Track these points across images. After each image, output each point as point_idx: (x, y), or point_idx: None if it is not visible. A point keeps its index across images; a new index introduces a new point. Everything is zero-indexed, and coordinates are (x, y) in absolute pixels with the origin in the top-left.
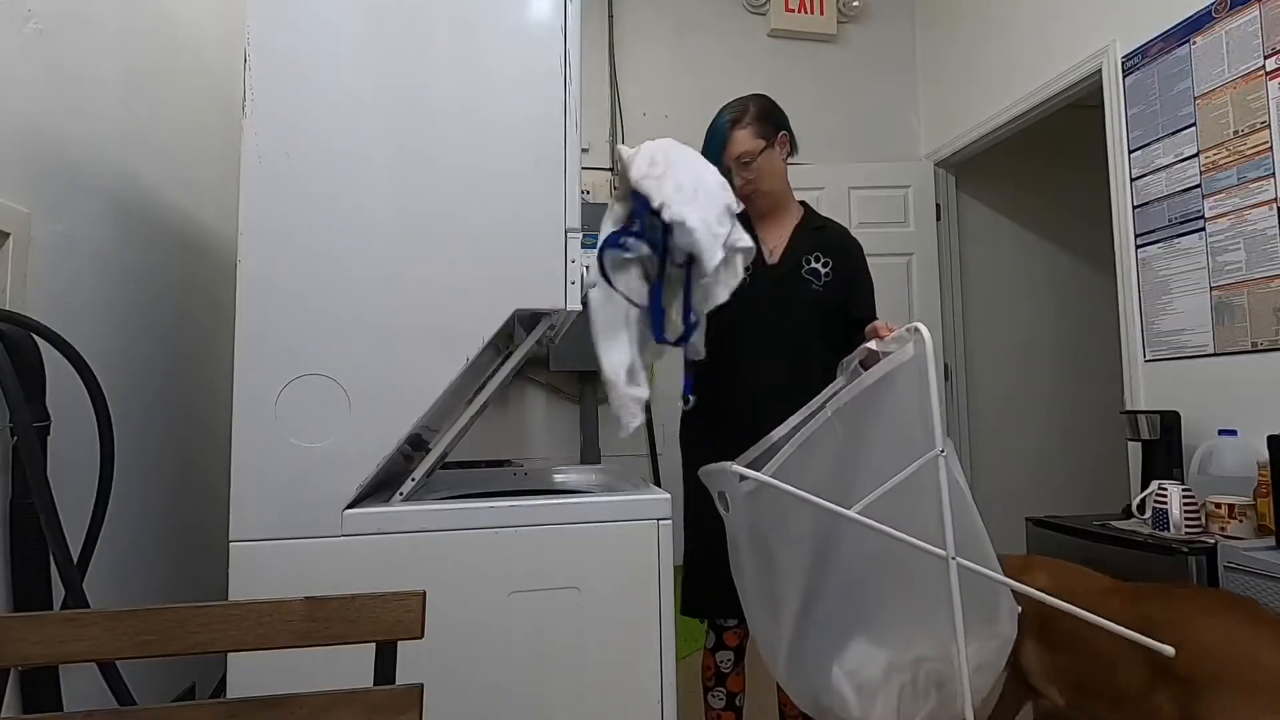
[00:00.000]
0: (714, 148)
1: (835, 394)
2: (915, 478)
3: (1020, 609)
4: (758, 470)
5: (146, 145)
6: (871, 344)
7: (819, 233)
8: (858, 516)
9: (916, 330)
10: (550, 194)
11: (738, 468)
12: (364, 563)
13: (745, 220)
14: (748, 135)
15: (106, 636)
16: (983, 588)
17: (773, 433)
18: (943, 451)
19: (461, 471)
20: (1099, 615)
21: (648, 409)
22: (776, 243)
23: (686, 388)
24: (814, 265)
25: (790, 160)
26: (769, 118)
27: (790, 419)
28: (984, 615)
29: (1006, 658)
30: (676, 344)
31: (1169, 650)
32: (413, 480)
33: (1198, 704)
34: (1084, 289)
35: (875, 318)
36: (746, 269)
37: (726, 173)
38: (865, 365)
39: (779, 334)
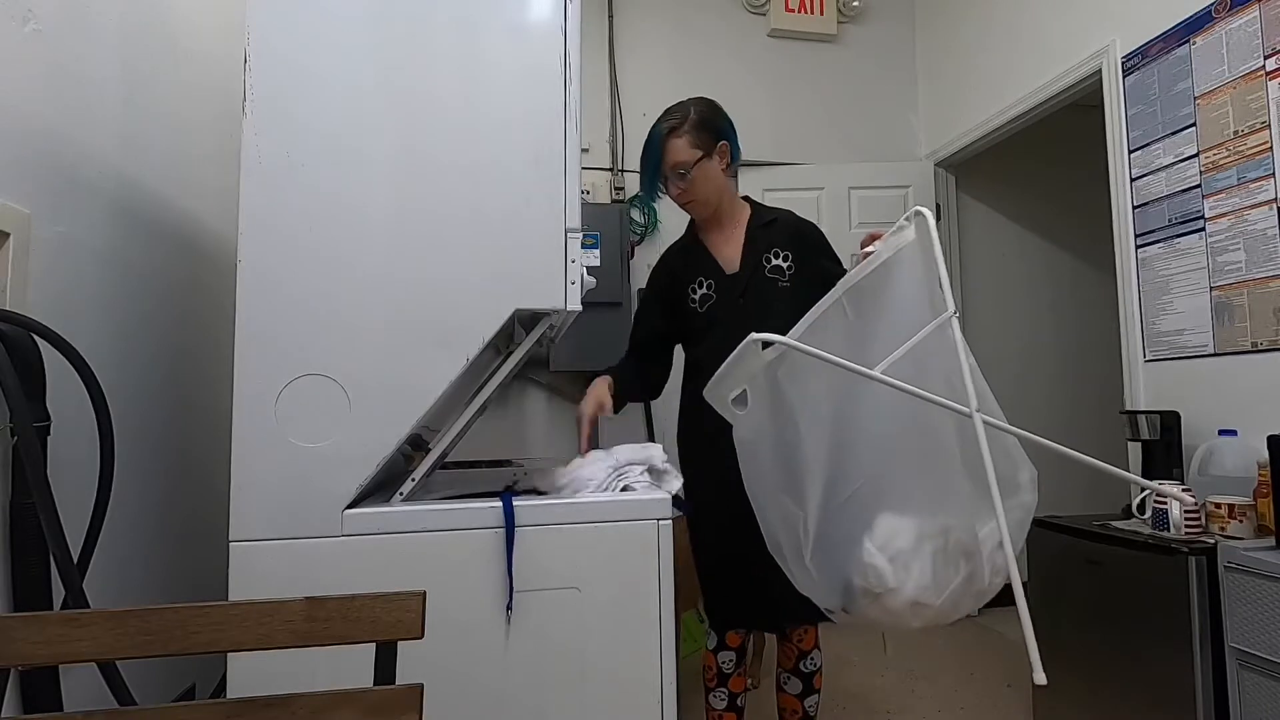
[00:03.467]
0: (651, 156)
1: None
2: (924, 349)
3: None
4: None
5: (146, 145)
6: (870, 246)
7: (771, 228)
8: (882, 376)
9: (918, 212)
10: (550, 193)
11: (761, 335)
12: (364, 563)
13: (695, 233)
14: (684, 145)
15: (106, 636)
16: (1001, 459)
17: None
18: (956, 312)
19: (461, 471)
20: None
21: (648, 408)
22: (731, 251)
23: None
24: (775, 262)
25: (732, 167)
26: (708, 126)
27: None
28: (1004, 487)
29: (1028, 528)
30: None
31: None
32: (413, 480)
33: None
34: (1084, 289)
35: None
36: (709, 286)
37: (664, 180)
38: None
39: None
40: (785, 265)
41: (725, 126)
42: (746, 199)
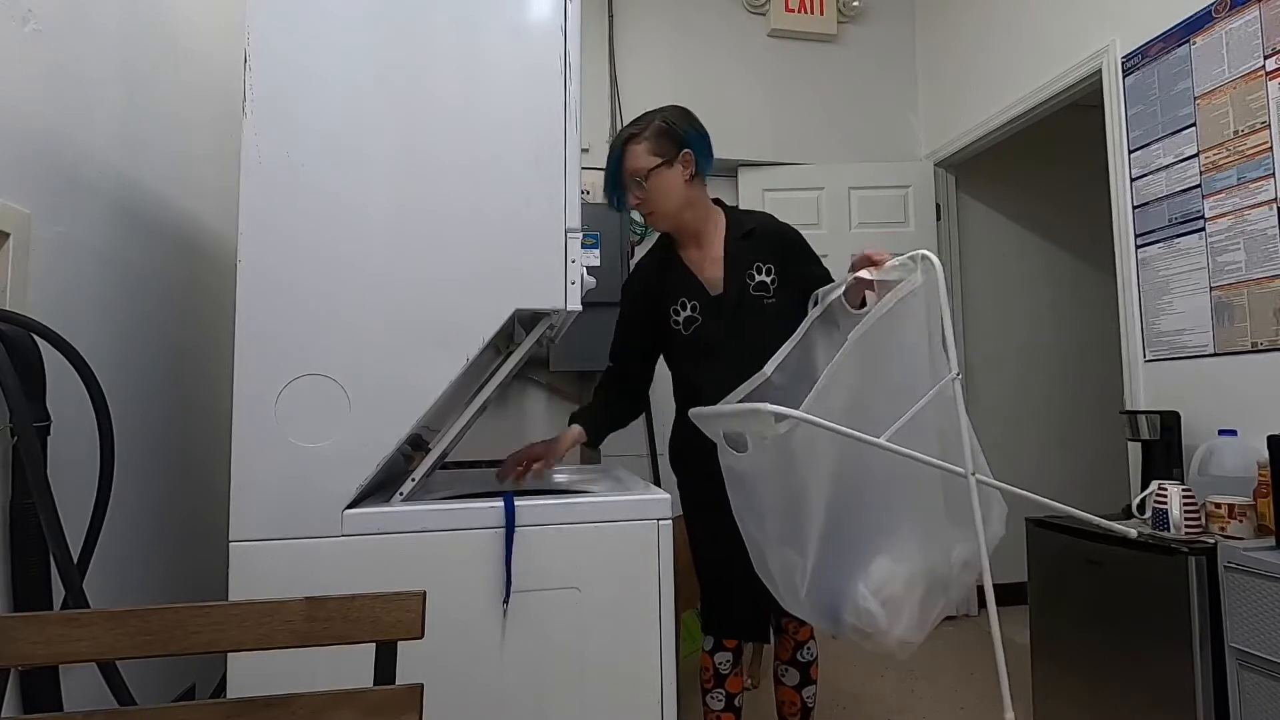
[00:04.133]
0: (610, 163)
1: (817, 321)
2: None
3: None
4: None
5: (146, 145)
6: (863, 273)
7: (750, 240)
8: (890, 445)
9: (925, 258)
10: (550, 193)
11: (774, 408)
12: (364, 563)
13: (672, 249)
14: (641, 151)
15: (106, 636)
16: (979, 497)
17: (765, 368)
18: (959, 374)
19: (461, 471)
20: None
21: (648, 410)
22: (712, 270)
23: None
24: (759, 278)
25: (699, 177)
26: (670, 134)
27: (777, 354)
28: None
29: (989, 554)
30: None
31: (1131, 533)
32: (413, 480)
33: None
34: (1084, 289)
35: (831, 279)
36: (692, 308)
37: (625, 189)
38: (850, 298)
39: (750, 359)
40: (769, 280)
41: (692, 135)
42: (718, 202)
